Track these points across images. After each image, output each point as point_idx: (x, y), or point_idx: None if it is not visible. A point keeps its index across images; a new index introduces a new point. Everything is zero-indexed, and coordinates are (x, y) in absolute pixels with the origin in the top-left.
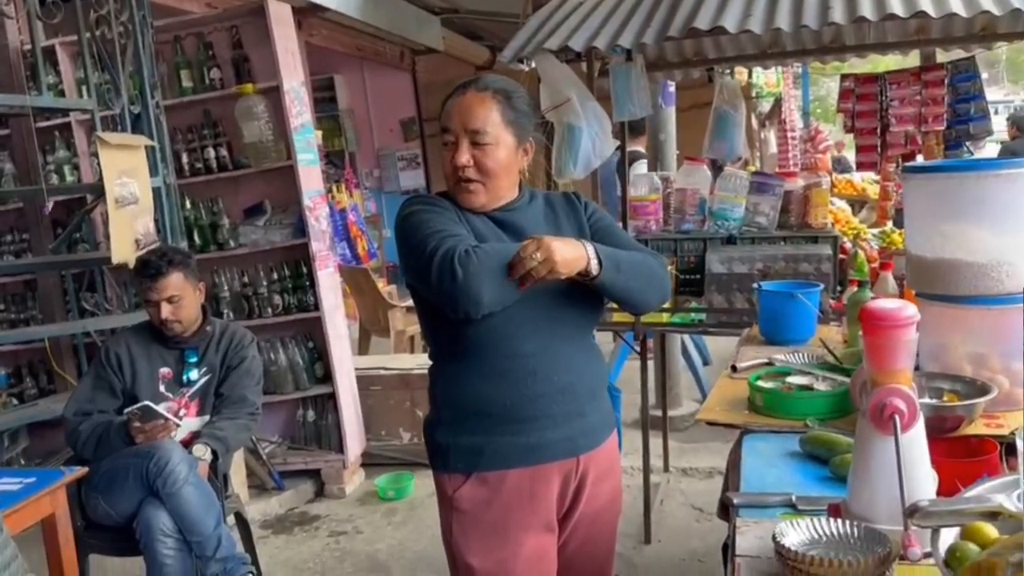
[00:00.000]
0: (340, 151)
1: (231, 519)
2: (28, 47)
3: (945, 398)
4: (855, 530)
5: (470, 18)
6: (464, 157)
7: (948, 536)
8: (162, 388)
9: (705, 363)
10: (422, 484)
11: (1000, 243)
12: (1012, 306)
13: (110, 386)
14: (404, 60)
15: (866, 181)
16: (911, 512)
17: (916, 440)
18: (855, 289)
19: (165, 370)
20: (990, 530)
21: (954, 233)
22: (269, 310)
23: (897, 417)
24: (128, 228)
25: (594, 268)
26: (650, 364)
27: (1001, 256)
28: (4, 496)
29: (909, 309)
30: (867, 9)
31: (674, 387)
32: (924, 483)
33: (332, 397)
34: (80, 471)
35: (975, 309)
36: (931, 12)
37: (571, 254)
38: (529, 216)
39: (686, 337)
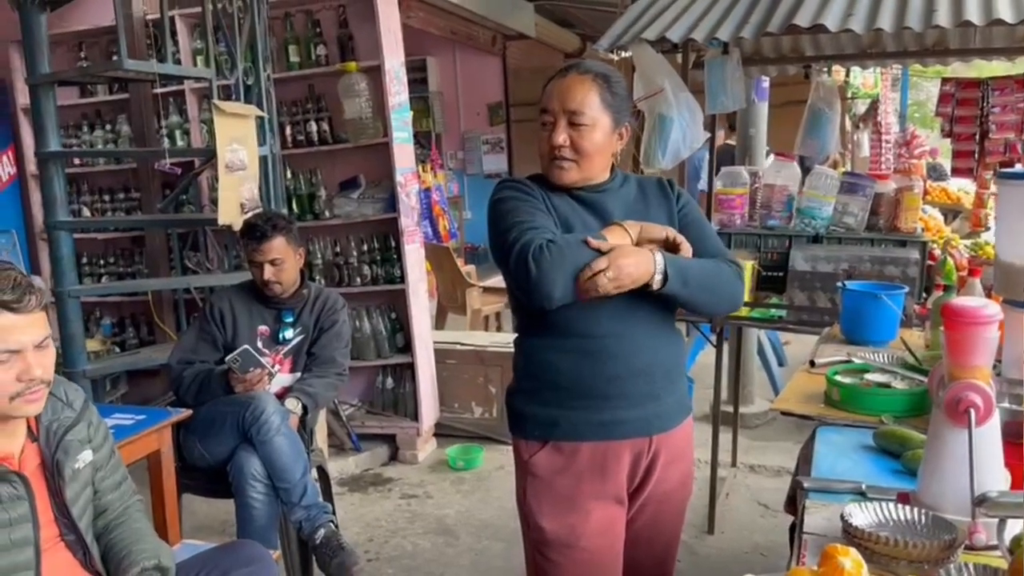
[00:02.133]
0: (427, 132)
1: (314, 472)
2: (151, 17)
3: None
4: (922, 517)
5: (563, 5)
6: (561, 137)
7: (1015, 527)
8: (259, 344)
9: (780, 364)
10: (490, 457)
11: None
12: None
13: (212, 339)
14: (495, 45)
15: (961, 191)
16: (980, 501)
17: (990, 435)
18: (940, 293)
19: (263, 328)
20: None
21: None
22: (358, 279)
23: (972, 411)
24: (235, 192)
25: (656, 283)
26: (724, 359)
27: None
28: (119, 429)
29: (991, 308)
30: (973, 13)
31: (747, 384)
32: (995, 477)
33: (411, 367)
34: (185, 412)
35: None
36: None
37: (639, 271)
38: (618, 199)
39: (763, 336)
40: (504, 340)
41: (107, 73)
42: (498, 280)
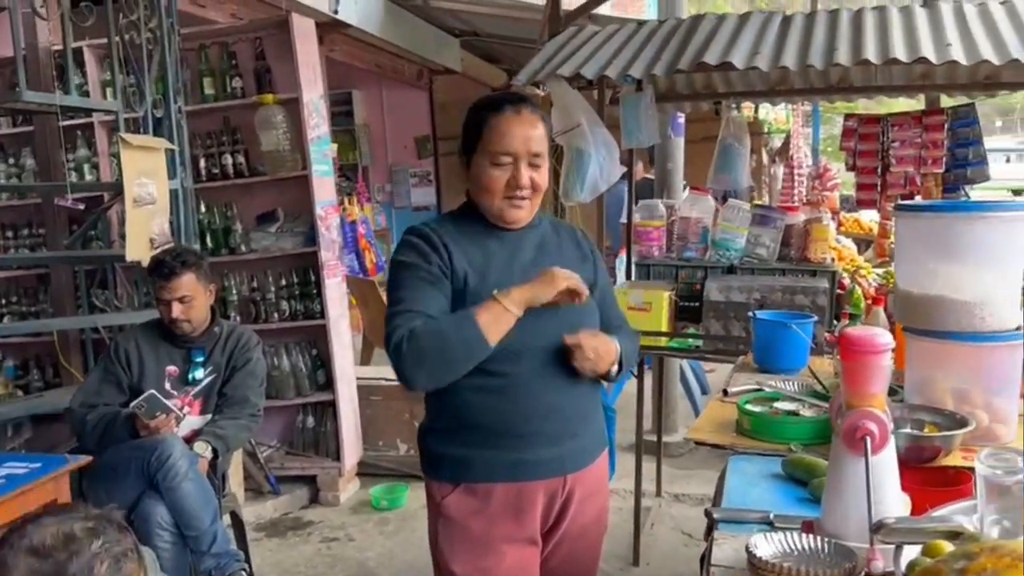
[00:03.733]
0: (354, 165)
1: (226, 518)
2: (57, 48)
3: (926, 429)
4: (825, 545)
5: (488, 41)
6: (527, 178)
7: (911, 553)
8: (168, 385)
9: (703, 392)
10: (416, 495)
11: (984, 282)
12: (994, 344)
13: (117, 380)
14: (422, 79)
15: (873, 221)
16: (877, 528)
17: (886, 462)
18: (846, 322)
19: (172, 368)
20: (948, 548)
21: (941, 271)
22: (276, 315)
23: (868, 439)
24: (144, 227)
25: (613, 373)
26: (647, 388)
27: (984, 295)
28: (11, 479)
29: (884, 337)
30: (871, 52)
31: (671, 413)
32: (892, 503)
33: (332, 405)
34: (84, 459)
35: (959, 345)
36: (932, 59)
37: (606, 362)
38: (534, 237)
39: (685, 365)
40: None
41: (5, 105)
42: None
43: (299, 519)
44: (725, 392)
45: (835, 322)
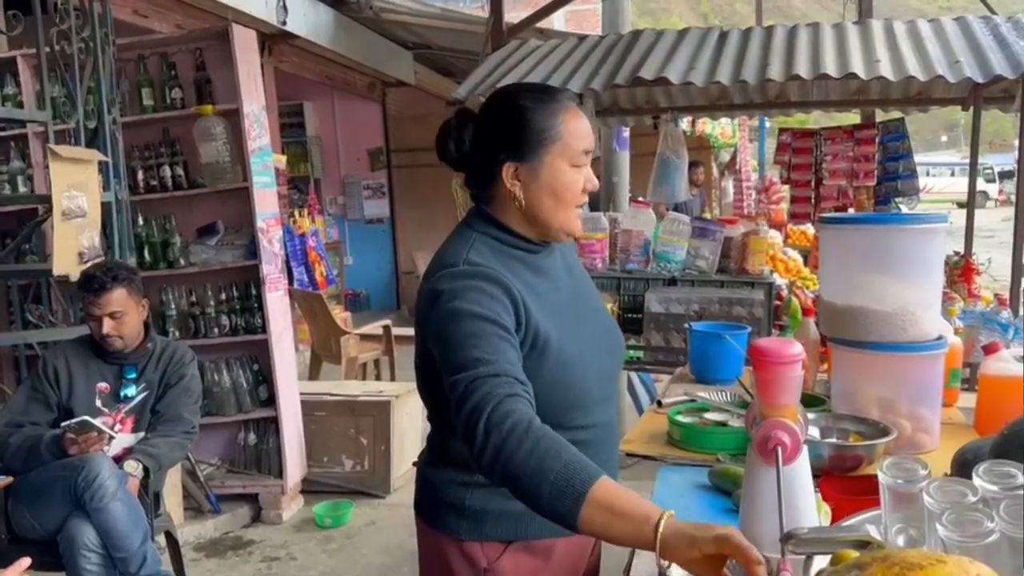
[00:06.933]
0: (305, 177)
1: (161, 539)
2: None
3: (851, 439)
4: None
5: (442, 54)
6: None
7: (821, 563)
8: (98, 403)
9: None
10: (361, 513)
11: (903, 293)
12: (914, 354)
13: (45, 399)
14: (375, 91)
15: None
16: (787, 538)
17: (799, 472)
18: (777, 333)
19: (103, 385)
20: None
21: (862, 282)
22: (216, 330)
23: (780, 449)
24: (73, 241)
25: None
26: None
27: (904, 306)
28: None
29: (794, 347)
30: (802, 68)
31: (620, 424)
32: (806, 513)
33: (275, 421)
34: (6, 479)
35: (881, 355)
36: (861, 74)
37: None
38: (554, 258)
39: (634, 376)
40: (376, 389)
41: None
42: (375, 327)
43: (240, 538)
44: (659, 403)
45: (772, 332)
